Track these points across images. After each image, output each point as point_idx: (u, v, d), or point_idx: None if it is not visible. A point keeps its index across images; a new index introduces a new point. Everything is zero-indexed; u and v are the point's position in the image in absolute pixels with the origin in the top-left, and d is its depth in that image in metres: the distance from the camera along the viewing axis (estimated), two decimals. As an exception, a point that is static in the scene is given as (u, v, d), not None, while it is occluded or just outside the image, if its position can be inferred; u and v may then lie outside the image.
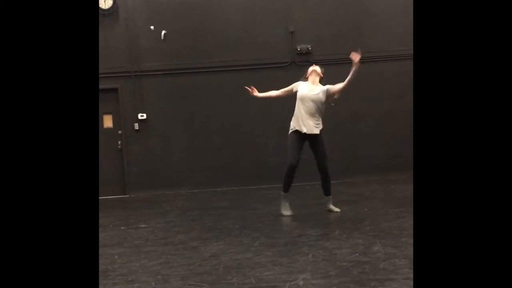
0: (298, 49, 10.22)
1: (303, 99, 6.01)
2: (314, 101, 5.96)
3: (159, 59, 10.23)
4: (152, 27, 10.15)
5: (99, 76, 10.05)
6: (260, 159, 10.30)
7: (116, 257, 4.27)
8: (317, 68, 6.26)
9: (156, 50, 10.24)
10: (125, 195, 10.09)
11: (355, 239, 4.40)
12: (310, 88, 6.06)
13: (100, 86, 10.36)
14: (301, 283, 3.15)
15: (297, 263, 3.65)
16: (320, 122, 6.08)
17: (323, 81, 6.24)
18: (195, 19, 10.33)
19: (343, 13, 10.32)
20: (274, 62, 10.27)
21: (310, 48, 10.24)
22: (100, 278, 3.57)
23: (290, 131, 6.13)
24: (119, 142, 10.31)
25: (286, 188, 6.13)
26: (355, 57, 5.78)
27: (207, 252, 4.21)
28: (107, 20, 10.23)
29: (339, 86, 6.03)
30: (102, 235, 5.44)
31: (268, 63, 10.27)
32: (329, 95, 6.05)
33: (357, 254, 3.83)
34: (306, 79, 6.22)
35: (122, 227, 5.99)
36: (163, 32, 10.18)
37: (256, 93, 6.57)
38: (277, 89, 9.24)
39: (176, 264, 3.85)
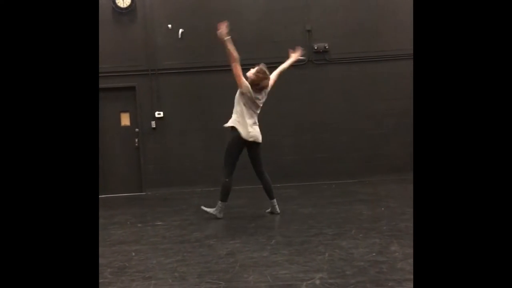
0: (315, 48, 10.18)
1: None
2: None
3: (176, 57, 10.26)
4: (169, 25, 10.18)
5: (117, 74, 10.15)
6: (276, 157, 10.28)
7: (133, 254, 4.30)
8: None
9: (173, 49, 10.28)
10: (142, 192, 10.15)
11: (372, 238, 4.38)
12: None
13: (118, 85, 10.47)
14: (317, 282, 3.14)
15: (314, 262, 3.64)
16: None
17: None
18: (212, 18, 10.32)
19: (360, 12, 10.25)
20: (290, 61, 10.22)
21: (327, 47, 10.19)
22: (118, 274, 3.59)
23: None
24: (136, 140, 10.37)
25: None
26: (295, 53, 6.13)
27: (223, 250, 4.22)
28: (125, 19, 10.29)
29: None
30: (119, 232, 5.48)
31: (283, 62, 10.23)
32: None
33: (374, 254, 3.81)
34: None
35: (139, 224, 6.02)
36: (180, 30, 10.21)
37: (225, 34, 6.27)
38: (295, 88, 9.24)
39: (193, 262, 3.86)
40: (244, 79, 6.04)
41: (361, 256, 3.75)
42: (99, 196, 10.04)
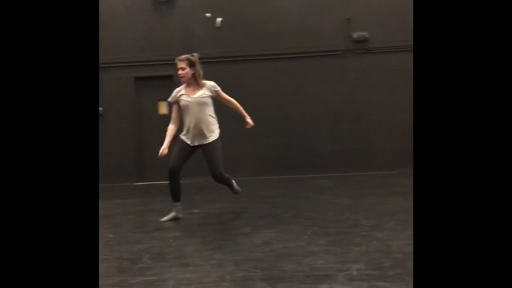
0: (355, 37, 10.04)
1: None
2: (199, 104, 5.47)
3: (214, 46, 10.29)
4: (207, 14, 10.21)
5: (154, 63, 10.25)
6: (312, 148, 10.24)
7: (171, 240, 4.36)
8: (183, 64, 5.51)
9: (211, 38, 10.31)
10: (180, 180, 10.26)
11: (410, 231, 4.30)
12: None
13: (155, 73, 10.58)
14: (355, 273, 3.12)
15: (351, 253, 3.62)
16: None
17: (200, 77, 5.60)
18: (250, 6, 10.33)
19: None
20: (328, 50, 10.15)
21: (367, 36, 10.04)
22: (156, 260, 3.65)
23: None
24: (174, 129, 10.48)
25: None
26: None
27: (259, 239, 4.23)
28: (164, 8, 10.38)
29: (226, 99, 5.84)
30: (157, 219, 5.56)
31: (323, 51, 10.16)
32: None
33: (412, 246, 3.75)
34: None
35: (176, 212, 6.09)
36: (218, 19, 10.23)
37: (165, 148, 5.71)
38: (332, 78, 9.14)
39: (229, 250, 3.89)
40: (175, 109, 5.65)
41: (399, 248, 3.70)
42: (138, 183, 10.23)
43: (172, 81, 10.46)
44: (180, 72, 5.43)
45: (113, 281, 3.17)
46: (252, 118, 6.58)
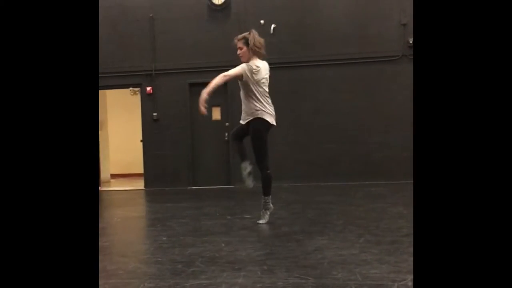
0: (410, 42, 9.85)
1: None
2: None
3: (268, 52, 10.23)
4: (262, 21, 10.27)
5: (210, 69, 10.36)
6: (365, 155, 10.11)
7: (223, 245, 4.39)
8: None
9: (265, 44, 10.34)
10: (230, 185, 10.35)
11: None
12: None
13: (210, 79, 10.60)
14: (410, 283, 3.04)
15: (406, 263, 3.53)
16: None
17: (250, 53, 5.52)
18: (304, 12, 10.32)
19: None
20: (384, 56, 10.00)
21: (422, 41, 9.84)
22: (209, 264, 3.69)
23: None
24: (226, 134, 10.58)
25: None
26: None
27: (311, 246, 4.20)
28: (220, 15, 10.53)
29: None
30: (209, 223, 5.63)
31: (378, 57, 10.03)
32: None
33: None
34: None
35: (228, 217, 6.15)
36: (272, 26, 10.27)
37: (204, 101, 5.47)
38: (387, 84, 8.88)
39: (281, 256, 3.88)
40: (237, 68, 5.46)
41: (456, 260, 3.59)
42: (191, 188, 10.38)
43: (226, 87, 10.60)
44: (238, 52, 5.53)
45: (167, 283, 3.22)
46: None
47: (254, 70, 5.35)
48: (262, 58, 5.52)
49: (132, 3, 10.93)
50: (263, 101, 5.39)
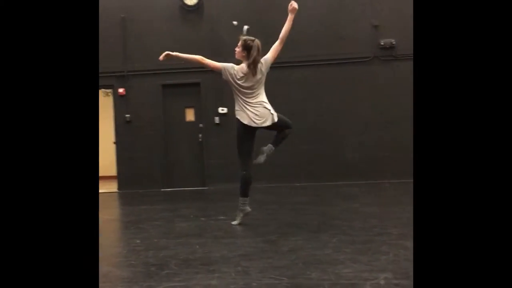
0: (382, 44, 9.98)
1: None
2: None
3: (240, 54, 10.31)
4: (235, 22, 10.25)
5: (182, 70, 10.34)
6: (340, 155, 10.19)
7: (197, 246, 4.37)
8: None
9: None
10: (205, 187, 10.33)
11: (439, 240, 4.24)
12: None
13: (183, 81, 10.67)
14: (382, 282, 3.08)
15: (378, 262, 3.58)
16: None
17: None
18: (277, 14, 10.34)
19: (429, 6, 9.96)
20: (356, 57, 10.11)
21: (394, 43, 9.97)
22: (182, 266, 3.67)
23: None
24: (200, 135, 10.56)
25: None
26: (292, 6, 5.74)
27: (285, 247, 4.22)
28: (192, 16, 10.49)
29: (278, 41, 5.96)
30: (183, 225, 5.60)
31: (350, 58, 10.13)
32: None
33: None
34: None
35: (202, 218, 6.13)
36: (245, 27, 10.25)
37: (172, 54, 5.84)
38: (359, 85, 8.94)
39: (255, 257, 3.89)
40: (218, 64, 5.72)
41: (427, 258, 3.65)
42: (165, 190, 10.31)
43: (199, 88, 10.58)
44: (236, 48, 5.81)
45: (140, 287, 3.20)
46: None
47: (234, 74, 5.58)
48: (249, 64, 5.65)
49: (103, 3, 10.80)
50: (241, 102, 5.48)
